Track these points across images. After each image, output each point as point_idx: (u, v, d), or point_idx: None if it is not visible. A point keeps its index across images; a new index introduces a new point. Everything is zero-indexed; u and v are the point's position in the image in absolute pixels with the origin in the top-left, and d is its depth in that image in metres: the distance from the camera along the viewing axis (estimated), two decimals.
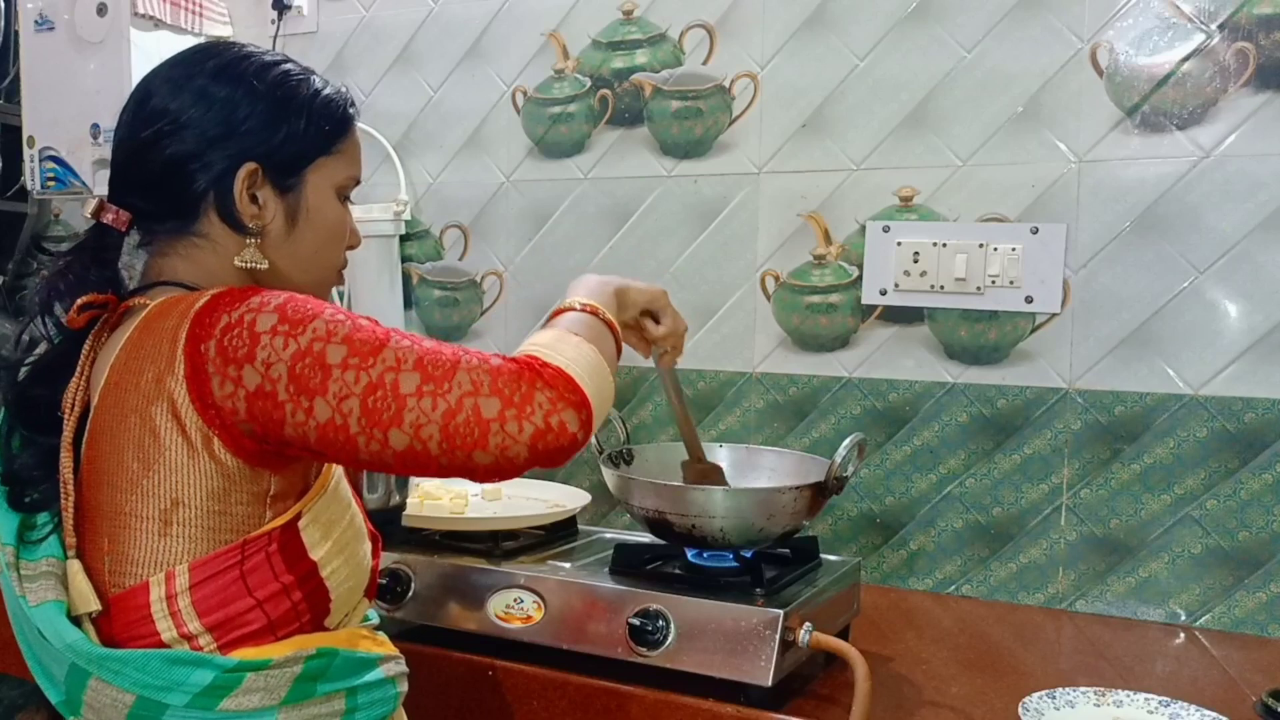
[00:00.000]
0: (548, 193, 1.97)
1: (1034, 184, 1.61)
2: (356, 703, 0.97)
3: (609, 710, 1.23)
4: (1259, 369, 1.50)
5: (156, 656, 0.89)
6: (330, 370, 0.86)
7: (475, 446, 0.86)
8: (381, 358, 0.87)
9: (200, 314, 0.90)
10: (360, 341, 0.88)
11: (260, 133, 1.00)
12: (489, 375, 0.87)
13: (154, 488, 0.91)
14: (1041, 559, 1.63)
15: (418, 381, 0.86)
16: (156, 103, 1.01)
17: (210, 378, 0.88)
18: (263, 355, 0.87)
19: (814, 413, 1.77)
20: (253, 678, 0.90)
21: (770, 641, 1.16)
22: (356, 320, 0.91)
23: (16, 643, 0.97)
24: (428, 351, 0.88)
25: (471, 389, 0.86)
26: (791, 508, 1.26)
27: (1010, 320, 1.63)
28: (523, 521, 1.46)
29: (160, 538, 0.91)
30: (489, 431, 0.86)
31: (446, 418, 0.86)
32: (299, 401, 0.87)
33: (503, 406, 0.86)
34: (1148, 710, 1.19)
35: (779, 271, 1.78)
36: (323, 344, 0.87)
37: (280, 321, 0.88)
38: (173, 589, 0.90)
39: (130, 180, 1.02)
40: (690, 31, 1.84)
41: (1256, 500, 1.50)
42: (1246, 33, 1.49)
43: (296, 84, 1.03)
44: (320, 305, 0.91)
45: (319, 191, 1.04)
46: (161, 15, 2.09)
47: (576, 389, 0.90)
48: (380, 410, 0.86)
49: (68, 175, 2.14)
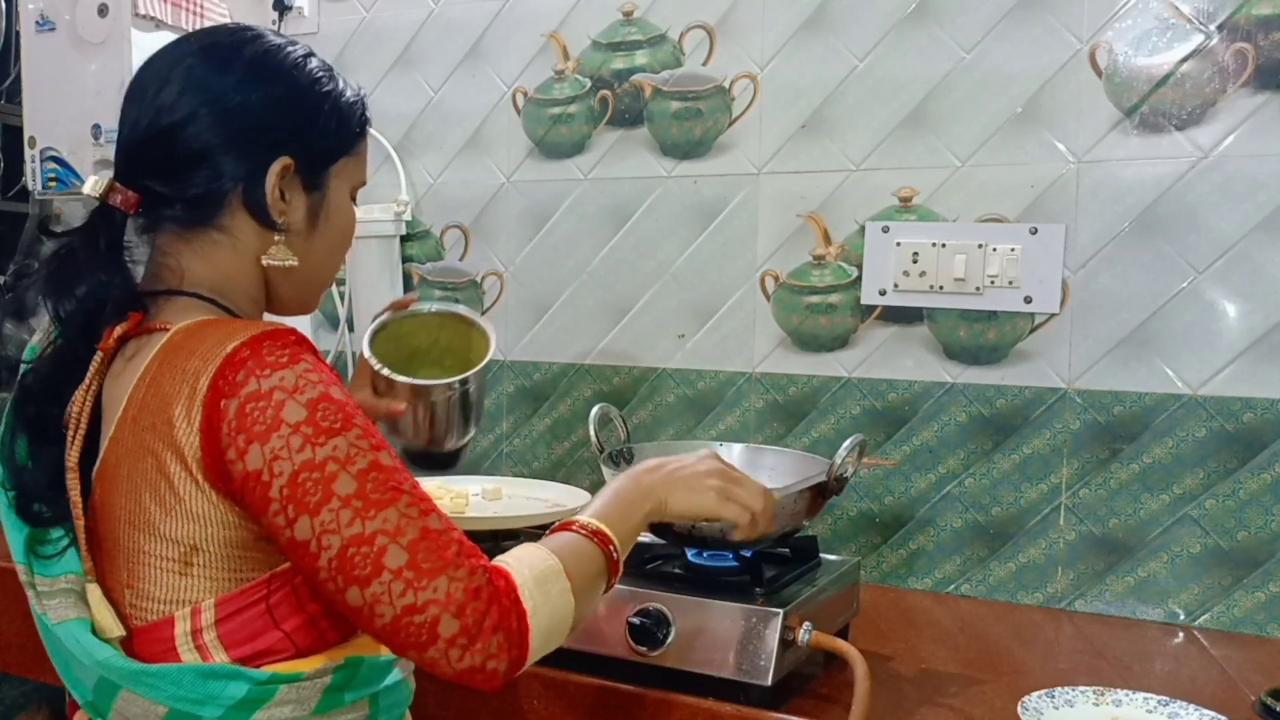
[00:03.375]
0: (548, 193, 1.97)
1: (1033, 184, 1.61)
2: (379, 707, 0.97)
3: (609, 710, 1.23)
4: (1258, 369, 1.50)
5: (190, 670, 0.88)
6: (331, 498, 0.83)
7: (414, 647, 0.84)
8: (384, 516, 0.84)
9: (227, 365, 0.85)
10: (372, 485, 0.84)
11: (296, 129, 0.98)
12: (464, 595, 0.84)
13: (172, 532, 0.88)
14: (1040, 558, 1.63)
15: (402, 563, 0.83)
16: (189, 84, 0.95)
17: (222, 436, 0.85)
18: (275, 445, 0.83)
19: (814, 413, 1.77)
20: (285, 690, 0.89)
21: (770, 641, 1.16)
22: (379, 455, 0.86)
23: (16, 644, 0.97)
24: (427, 534, 0.85)
25: (444, 599, 0.83)
26: (792, 508, 1.26)
27: (1009, 320, 1.64)
28: (523, 521, 1.47)
29: (181, 577, 0.89)
30: (434, 644, 0.84)
31: (405, 611, 0.83)
32: (286, 509, 0.84)
33: (458, 632, 0.84)
34: (1147, 710, 1.20)
35: (779, 272, 1.79)
36: (338, 467, 0.84)
37: (306, 421, 0.84)
38: (198, 624, 0.89)
39: (150, 163, 0.96)
40: (690, 32, 1.84)
41: (1255, 500, 1.51)
42: (1245, 33, 1.49)
43: (328, 81, 1.02)
44: (351, 416, 0.86)
45: (339, 191, 1.04)
46: (163, 16, 2.09)
47: (525, 649, 0.88)
48: (355, 566, 0.83)
49: (69, 176, 2.14)
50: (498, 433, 2.01)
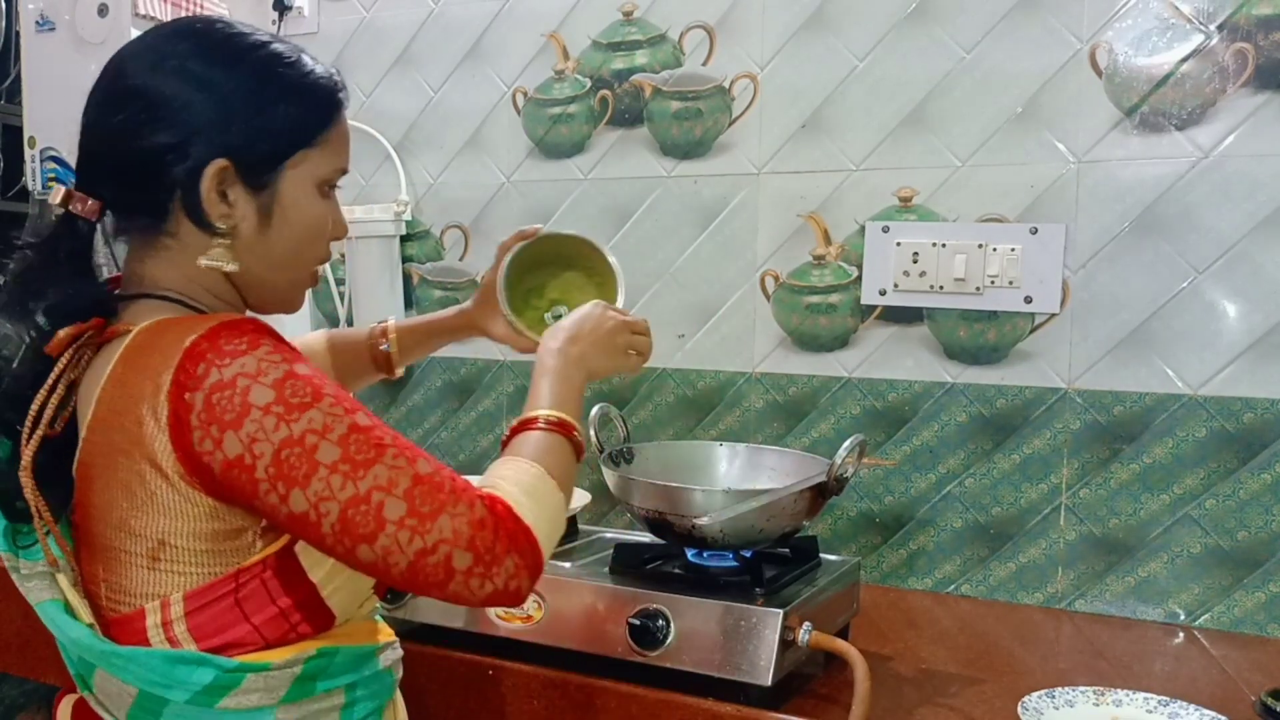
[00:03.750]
0: (548, 193, 1.97)
1: (1033, 184, 1.61)
2: (355, 696, 0.98)
3: (609, 710, 1.23)
4: (1258, 369, 1.50)
5: (158, 655, 0.90)
6: (318, 468, 0.85)
7: (435, 587, 0.87)
8: (374, 473, 0.86)
9: (187, 358, 0.86)
10: (355, 447, 0.86)
11: (233, 125, 0.93)
12: (470, 528, 0.87)
13: (141, 528, 0.90)
14: (1041, 559, 1.63)
15: (403, 512, 0.85)
16: (127, 84, 0.95)
17: (192, 430, 0.86)
18: (250, 429, 0.85)
19: (814, 413, 1.77)
20: (253, 678, 0.91)
21: (770, 641, 1.16)
22: (355, 416, 0.88)
23: (16, 644, 0.99)
24: (419, 479, 0.87)
25: (451, 537, 0.86)
26: (792, 508, 1.26)
27: (1009, 320, 1.64)
28: None
29: (151, 571, 0.91)
30: (452, 579, 0.86)
31: (419, 556, 0.86)
32: (275, 486, 0.85)
33: (474, 563, 0.86)
34: (1147, 710, 1.20)
35: (779, 272, 1.79)
36: (317, 438, 0.85)
37: (276, 401, 0.85)
38: (168, 616, 0.91)
39: (98, 169, 0.97)
40: (690, 32, 1.84)
41: (1255, 500, 1.51)
42: (1245, 33, 1.49)
43: (279, 68, 0.97)
44: (320, 387, 0.88)
45: (297, 187, 0.98)
46: (162, 16, 2.09)
47: (539, 557, 0.91)
48: (358, 525, 0.85)
49: (69, 176, 2.13)
50: (498, 432, 2.01)
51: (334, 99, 1.01)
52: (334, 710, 0.97)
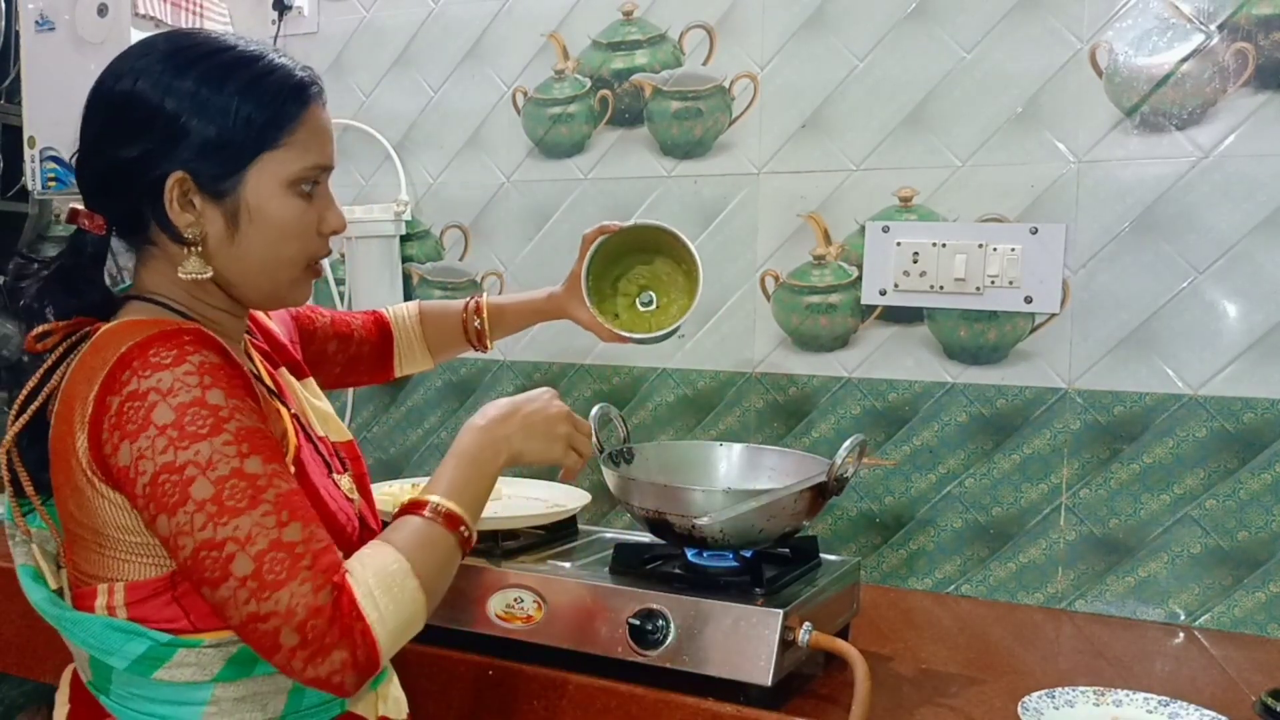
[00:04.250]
0: (548, 193, 1.97)
1: (1033, 184, 1.61)
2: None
3: (609, 710, 1.23)
4: (1258, 369, 1.50)
5: (99, 622, 0.95)
6: (187, 501, 0.86)
7: (262, 651, 0.88)
8: (236, 524, 0.87)
9: (118, 364, 0.89)
10: (230, 491, 0.87)
11: (187, 137, 0.95)
12: (305, 611, 0.86)
13: (84, 517, 0.94)
14: (1041, 559, 1.63)
15: (248, 572, 0.86)
16: (97, 98, 0.99)
17: (102, 432, 0.89)
18: (142, 444, 0.87)
19: (814, 413, 1.77)
20: (184, 653, 0.94)
21: (770, 641, 1.16)
22: (246, 462, 0.88)
23: (16, 643, 1.01)
24: (278, 545, 0.87)
25: (284, 613, 0.86)
26: (792, 508, 1.26)
27: (1009, 320, 1.64)
28: (523, 521, 1.47)
29: (99, 555, 0.95)
30: (278, 652, 0.87)
31: (250, 619, 0.87)
32: (148, 507, 0.88)
33: (299, 645, 0.86)
34: (1147, 710, 1.20)
35: (779, 271, 1.79)
36: (197, 471, 0.87)
37: (173, 425, 0.87)
38: (113, 601, 0.95)
39: (87, 186, 1.01)
40: (690, 32, 1.84)
41: (1256, 500, 1.51)
42: (1246, 33, 1.49)
43: (235, 73, 0.96)
44: (223, 422, 0.88)
45: (263, 190, 0.98)
46: (162, 16, 2.09)
47: (375, 655, 0.90)
48: (205, 568, 0.87)
49: (69, 176, 2.14)
50: None
51: (299, 97, 0.99)
52: (280, 693, 0.98)
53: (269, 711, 0.98)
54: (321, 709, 1.01)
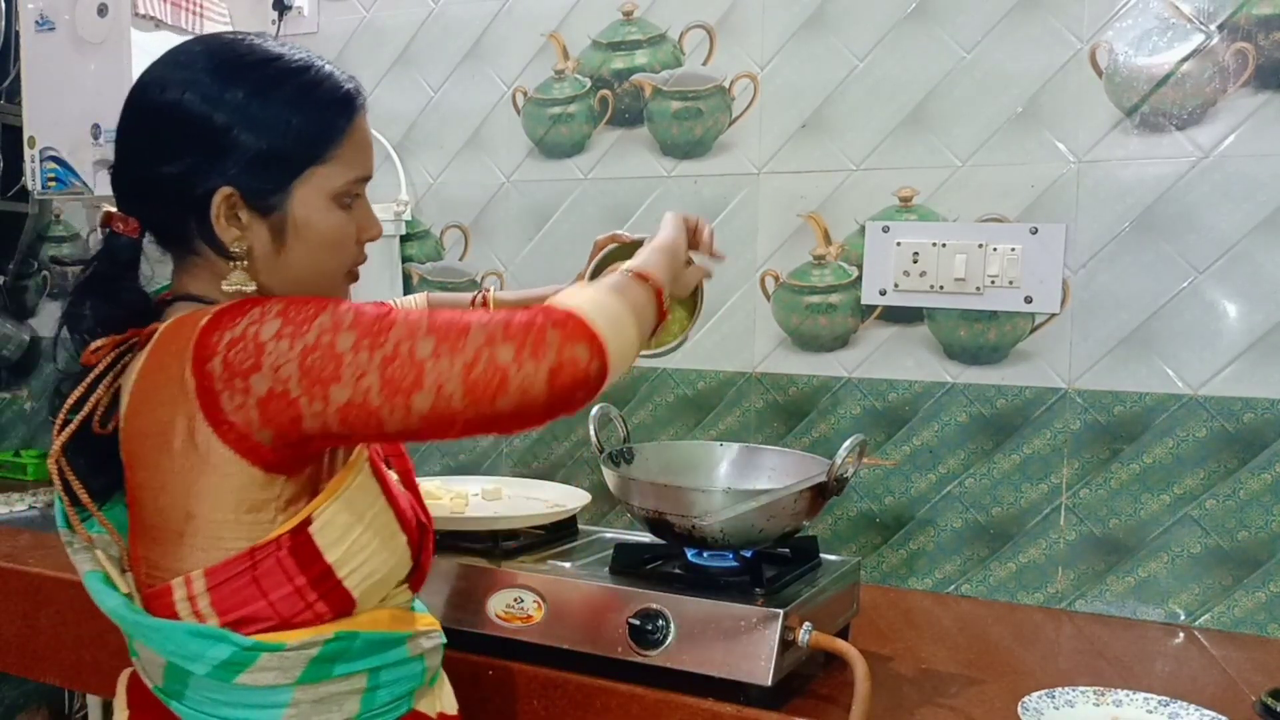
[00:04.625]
0: (548, 193, 1.97)
1: (1033, 184, 1.61)
2: (379, 680, 1.00)
3: (609, 710, 1.23)
4: (1258, 369, 1.50)
5: (181, 629, 0.94)
6: (342, 357, 0.87)
7: (497, 393, 0.87)
8: (394, 333, 0.88)
9: (203, 334, 0.90)
10: (368, 324, 0.89)
11: (236, 152, 0.94)
12: (500, 327, 0.88)
13: (169, 504, 0.94)
14: (1041, 559, 1.63)
15: (433, 344, 0.87)
16: (140, 109, 0.97)
17: (219, 395, 0.89)
18: (270, 361, 0.87)
19: (814, 413, 1.77)
20: (267, 657, 0.94)
21: (770, 641, 1.16)
22: (361, 307, 0.91)
23: (16, 644, 1.01)
24: (440, 318, 0.89)
25: (486, 341, 0.87)
26: (792, 508, 1.26)
27: (1009, 320, 1.64)
28: (523, 521, 1.47)
29: (177, 547, 0.95)
30: (508, 375, 0.87)
31: (466, 370, 0.87)
32: (313, 393, 0.87)
33: (516, 349, 0.87)
34: (1147, 710, 1.20)
35: (779, 271, 1.79)
36: (330, 335, 0.88)
37: (284, 325, 0.88)
38: (192, 591, 0.95)
39: (127, 194, 1.00)
40: (690, 32, 1.84)
41: (1255, 500, 1.51)
42: (1246, 33, 1.49)
43: (282, 87, 0.95)
44: (323, 302, 0.91)
45: (309, 204, 0.97)
46: (162, 16, 2.09)
47: (584, 326, 0.90)
48: (400, 378, 0.87)
49: (68, 175, 2.14)
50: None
51: (346, 109, 0.99)
52: (355, 694, 0.99)
53: (345, 712, 0.98)
54: (391, 708, 1.02)
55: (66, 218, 2.57)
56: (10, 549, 1.76)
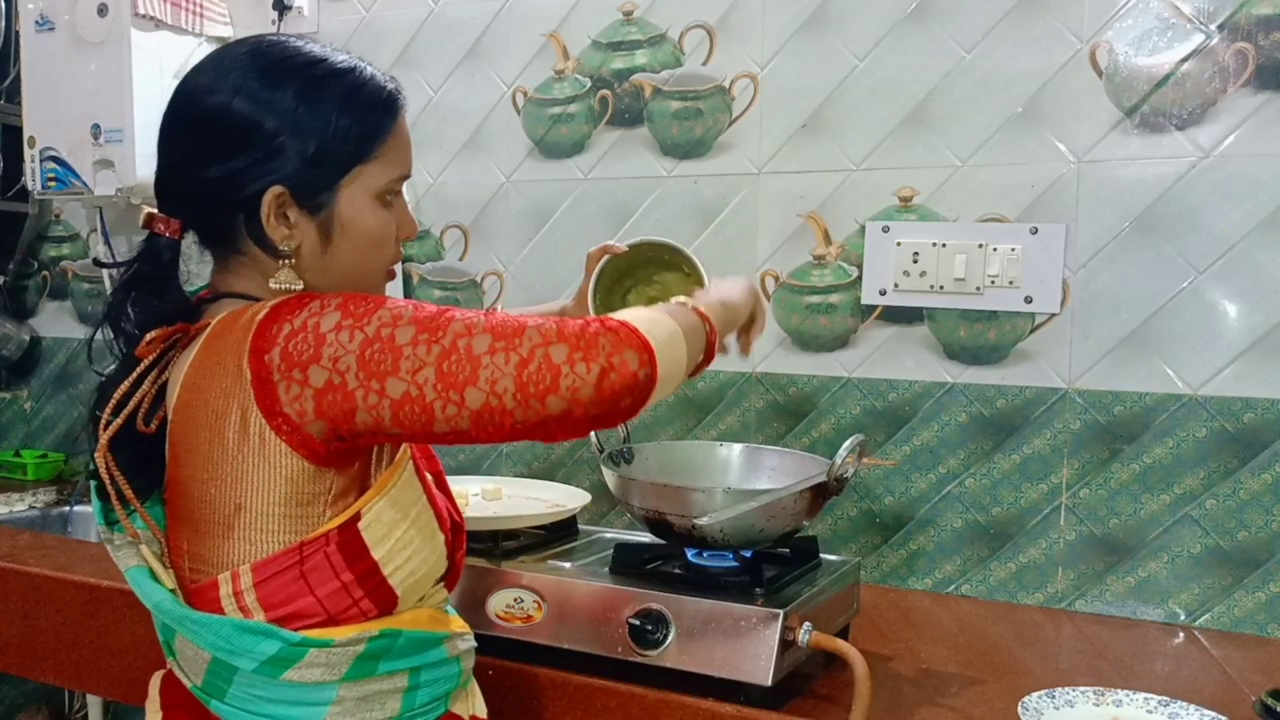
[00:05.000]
0: (548, 193, 1.97)
1: (1033, 184, 1.61)
2: (419, 680, 1.02)
3: (609, 710, 1.23)
4: (1258, 369, 1.50)
5: (229, 624, 0.95)
6: (401, 350, 0.89)
7: (548, 392, 0.88)
8: (452, 328, 0.90)
9: (262, 326, 0.91)
10: (427, 319, 0.90)
11: (286, 153, 0.96)
12: (555, 328, 0.90)
13: (219, 496, 0.95)
14: (1041, 559, 1.63)
15: (490, 341, 0.89)
16: (189, 112, 0.99)
17: (276, 385, 0.90)
18: (329, 352, 0.89)
19: (814, 413, 1.77)
20: (315, 653, 0.95)
21: (770, 641, 1.16)
22: (419, 303, 0.93)
23: (16, 643, 1.01)
24: (496, 317, 0.91)
25: (541, 340, 0.89)
26: (792, 508, 1.26)
27: (1009, 320, 1.64)
28: (523, 521, 1.47)
29: (225, 540, 0.96)
30: (559, 375, 0.88)
31: (519, 368, 0.88)
32: (370, 385, 0.89)
33: (570, 350, 0.89)
34: (1147, 710, 1.20)
35: (779, 271, 1.79)
36: (390, 329, 0.89)
37: (344, 318, 0.90)
38: (238, 586, 0.95)
39: (172, 195, 1.01)
40: (690, 32, 1.84)
41: (1256, 500, 1.51)
42: (1246, 33, 1.49)
43: (329, 88, 0.98)
44: (381, 298, 0.93)
45: (355, 203, 1.00)
46: (162, 16, 2.09)
47: (637, 334, 0.92)
48: (456, 372, 0.88)
49: (68, 175, 2.14)
50: None
51: (390, 109, 1.02)
52: (397, 693, 1.00)
53: (387, 711, 1.00)
54: (429, 709, 1.03)
55: (66, 218, 2.57)
56: (10, 549, 1.76)
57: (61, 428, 2.57)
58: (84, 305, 2.53)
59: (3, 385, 2.64)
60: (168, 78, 2.12)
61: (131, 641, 1.53)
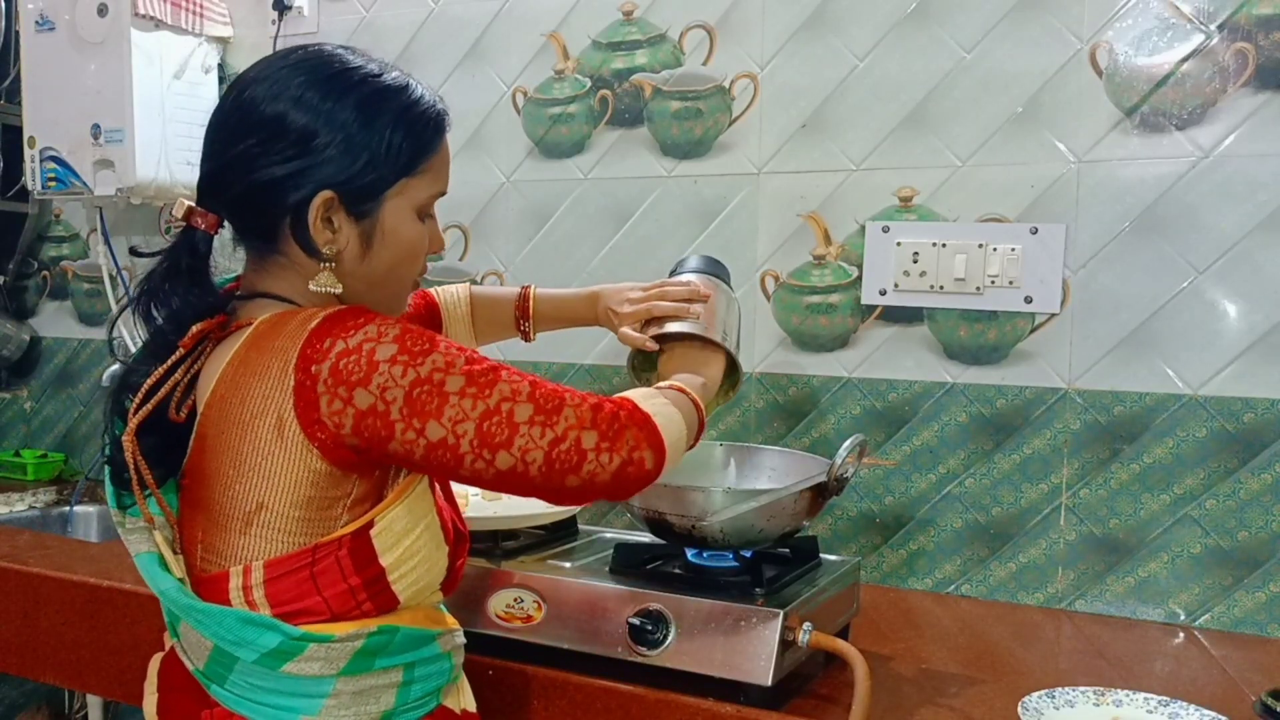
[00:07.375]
0: (548, 193, 1.97)
1: (1033, 184, 1.61)
2: (413, 675, 1.04)
3: (609, 710, 1.23)
4: (1258, 369, 1.50)
5: (234, 615, 0.98)
6: (448, 398, 0.94)
7: (570, 471, 0.98)
8: (498, 389, 0.96)
9: (313, 336, 0.95)
10: (477, 374, 0.96)
11: (341, 159, 1.00)
12: (591, 412, 0.99)
13: (243, 491, 0.98)
14: (1041, 559, 1.63)
15: (531, 412, 0.96)
16: (248, 115, 1.01)
17: (319, 396, 0.94)
18: (379, 381, 0.93)
19: (814, 413, 1.77)
20: (315, 648, 0.98)
21: (770, 641, 1.16)
22: (471, 354, 0.97)
23: (16, 643, 1.02)
24: (539, 386, 0.98)
25: (576, 422, 0.98)
26: (792, 508, 1.26)
27: (1010, 320, 1.64)
28: (523, 521, 1.47)
29: (241, 535, 0.99)
30: (584, 459, 0.98)
31: (552, 445, 0.96)
32: (411, 422, 0.94)
33: (599, 439, 0.98)
34: (1147, 710, 1.20)
35: (779, 271, 1.79)
36: (442, 375, 0.95)
37: (400, 352, 0.94)
38: (249, 581, 0.99)
39: (218, 193, 1.03)
40: (690, 32, 1.84)
41: (1256, 500, 1.51)
42: (1246, 33, 1.49)
43: (388, 101, 1.02)
44: (436, 339, 0.97)
45: (397, 214, 1.04)
46: (162, 16, 2.09)
47: (657, 434, 1.02)
48: (494, 434, 0.95)
49: (68, 175, 2.14)
50: None
51: (438, 128, 1.06)
52: (392, 687, 1.03)
53: (381, 705, 1.02)
54: (422, 703, 1.06)
55: (66, 218, 2.57)
56: (10, 549, 1.76)
57: (61, 428, 2.57)
58: (84, 305, 2.53)
59: (3, 385, 2.64)
60: (168, 78, 2.12)
61: (131, 641, 1.53)
